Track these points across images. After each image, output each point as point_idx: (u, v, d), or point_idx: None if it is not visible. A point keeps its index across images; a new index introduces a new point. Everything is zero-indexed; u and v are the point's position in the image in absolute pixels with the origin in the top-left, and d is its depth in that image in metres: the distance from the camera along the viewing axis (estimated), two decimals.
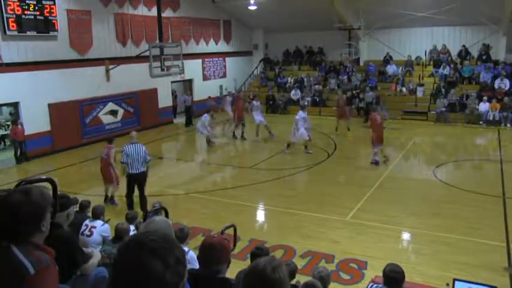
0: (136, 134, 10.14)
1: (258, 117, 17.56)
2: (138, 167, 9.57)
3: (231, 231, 5.94)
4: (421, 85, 22.09)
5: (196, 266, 5.29)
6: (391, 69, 23.59)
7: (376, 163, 13.51)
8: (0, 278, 2.07)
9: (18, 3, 14.64)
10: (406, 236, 8.94)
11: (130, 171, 9.59)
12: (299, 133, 14.66)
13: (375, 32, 24.20)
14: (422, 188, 11.62)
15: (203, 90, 23.71)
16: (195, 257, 5.46)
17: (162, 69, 17.07)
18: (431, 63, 23.22)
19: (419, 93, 21.81)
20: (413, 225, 9.09)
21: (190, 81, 23.37)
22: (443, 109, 20.09)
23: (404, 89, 22.27)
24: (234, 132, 17.94)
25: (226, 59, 25.91)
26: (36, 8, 15.16)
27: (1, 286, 2.05)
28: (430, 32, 23.28)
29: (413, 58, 23.66)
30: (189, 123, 20.98)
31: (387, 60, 24.08)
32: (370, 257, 7.64)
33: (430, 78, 22.55)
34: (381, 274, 4.58)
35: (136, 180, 9.70)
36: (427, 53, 23.47)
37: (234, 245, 5.95)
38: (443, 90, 21.02)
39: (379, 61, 24.34)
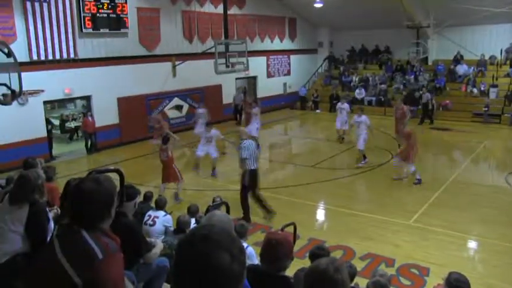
0: (245, 130, 9.94)
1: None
2: (255, 163, 9.26)
3: (290, 229, 5.91)
4: (495, 86, 20.93)
5: (255, 261, 5.33)
6: (461, 69, 22.52)
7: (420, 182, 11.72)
8: (71, 260, 2.17)
9: (94, 3, 15.41)
10: (473, 244, 8.51)
11: (249, 167, 9.18)
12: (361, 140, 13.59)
13: (445, 30, 23.20)
14: (492, 195, 10.99)
15: (267, 87, 23.86)
16: (254, 253, 5.50)
17: (227, 66, 17.31)
18: (508, 62, 21.88)
19: (492, 95, 20.69)
20: (482, 234, 8.63)
21: (254, 78, 23.55)
22: None
23: (475, 90, 21.21)
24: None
25: (291, 56, 25.84)
26: (110, 6, 15.89)
27: (73, 267, 2.15)
28: (509, 28, 21.87)
29: (486, 57, 22.44)
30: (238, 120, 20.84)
31: (457, 59, 23.01)
32: (433, 263, 7.35)
33: (505, 79, 21.30)
34: (443, 282, 4.38)
35: (254, 177, 9.33)
36: (503, 52, 22.14)
37: (294, 243, 5.92)
38: None
39: (448, 60, 23.29)
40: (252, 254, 5.43)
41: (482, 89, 21.06)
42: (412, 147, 11.68)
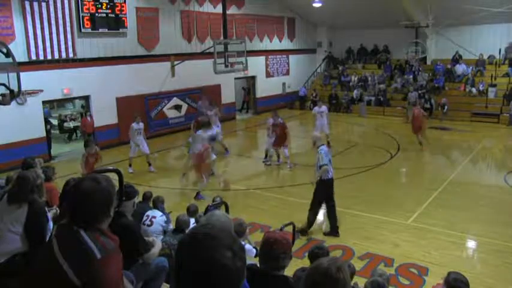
0: (320, 135, 9.28)
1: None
2: (332, 171, 8.55)
3: (289, 228, 5.92)
4: (493, 86, 20.95)
5: (253, 254, 5.36)
6: (460, 68, 22.53)
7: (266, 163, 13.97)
8: (69, 260, 2.17)
9: (92, 3, 15.40)
10: (472, 244, 8.51)
11: (327, 177, 8.43)
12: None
13: (444, 29, 23.19)
14: (491, 195, 11.00)
15: (266, 87, 23.86)
16: (251, 248, 5.53)
17: (226, 66, 17.28)
18: (507, 62, 21.85)
19: (490, 95, 20.70)
20: (481, 233, 8.63)
21: (253, 78, 23.56)
22: None
23: (474, 90, 21.24)
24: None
25: (290, 56, 25.83)
26: (108, 6, 15.87)
27: (71, 267, 2.15)
28: (507, 28, 21.81)
29: (485, 57, 22.45)
30: None
31: (456, 59, 23.00)
32: (432, 263, 7.36)
33: (503, 79, 21.30)
34: (442, 281, 4.38)
35: (330, 187, 8.60)
36: (501, 51, 22.12)
37: (293, 243, 5.93)
38: None
39: (447, 60, 23.28)
40: (250, 250, 5.46)
41: (481, 88, 21.08)
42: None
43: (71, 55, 15.07)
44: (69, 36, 14.93)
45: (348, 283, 2.00)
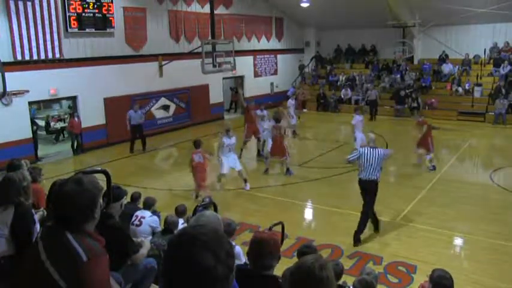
0: (374, 136, 8.76)
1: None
2: (370, 174, 8.20)
3: (278, 228, 5.92)
4: (479, 85, 21.18)
5: (243, 260, 5.34)
6: (446, 68, 22.78)
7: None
8: (55, 262, 2.15)
9: (79, 2, 15.28)
10: (459, 241, 8.60)
11: (359, 176, 8.39)
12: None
13: (430, 29, 23.42)
14: (477, 192, 11.13)
15: (254, 87, 23.86)
16: (241, 251, 5.51)
17: (214, 66, 17.26)
18: (491, 62, 22.16)
19: (476, 94, 20.93)
20: (467, 231, 8.73)
21: (241, 77, 23.55)
22: (503, 110, 19.24)
23: (460, 89, 21.47)
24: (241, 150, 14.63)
25: (278, 56, 25.88)
26: (95, 6, 15.75)
27: (57, 270, 2.13)
28: (491, 28, 22.12)
29: (471, 57, 22.71)
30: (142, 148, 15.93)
31: (443, 58, 23.24)
32: (420, 261, 7.42)
33: (488, 78, 21.58)
34: (428, 279, 4.42)
35: (366, 190, 8.37)
36: (486, 51, 22.42)
37: (282, 242, 5.92)
38: (503, 90, 20.07)
39: (434, 60, 23.53)
40: (240, 253, 5.44)
41: (466, 87, 21.32)
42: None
43: (57, 55, 14.91)
44: (55, 36, 14.77)
45: (331, 281, 2.00)
